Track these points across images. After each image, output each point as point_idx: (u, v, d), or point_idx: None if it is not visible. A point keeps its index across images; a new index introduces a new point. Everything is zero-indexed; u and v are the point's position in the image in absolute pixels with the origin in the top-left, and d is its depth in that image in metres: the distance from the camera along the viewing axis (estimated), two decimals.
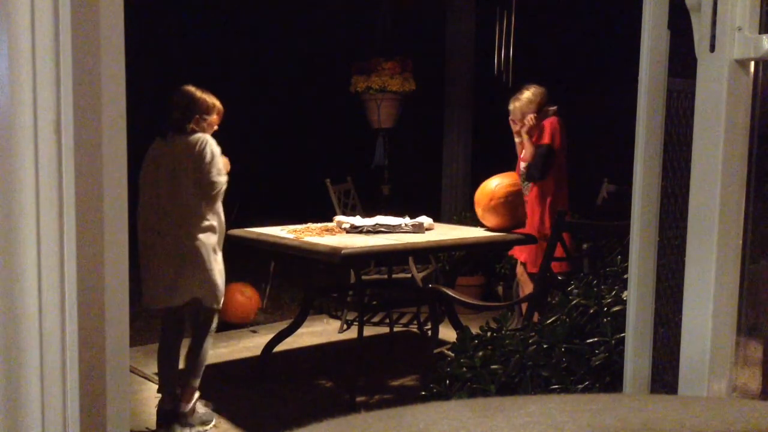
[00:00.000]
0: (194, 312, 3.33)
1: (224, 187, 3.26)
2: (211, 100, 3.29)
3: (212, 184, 3.19)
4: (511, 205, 3.97)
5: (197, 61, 7.77)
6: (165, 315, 3.38)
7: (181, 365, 3.37)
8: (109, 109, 1.31)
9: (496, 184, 4.01)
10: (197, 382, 3.31)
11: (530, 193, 4.19)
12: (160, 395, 3.34)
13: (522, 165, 4.27)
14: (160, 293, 3.23)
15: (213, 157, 3.19)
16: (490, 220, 4.06)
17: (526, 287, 4.33)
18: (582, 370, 1.98)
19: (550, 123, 4.10)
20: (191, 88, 3.28)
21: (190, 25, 7.97)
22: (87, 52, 1.26)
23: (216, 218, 3.29)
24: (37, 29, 1.23)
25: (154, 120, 3.31)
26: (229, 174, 3.31)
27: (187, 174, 3.19)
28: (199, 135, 3.22)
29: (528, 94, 4.16)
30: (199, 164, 3.18)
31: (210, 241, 3.25)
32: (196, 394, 3.32)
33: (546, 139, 4.06)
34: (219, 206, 3.32)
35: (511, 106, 4.20)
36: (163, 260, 3.22)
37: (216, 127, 3.33)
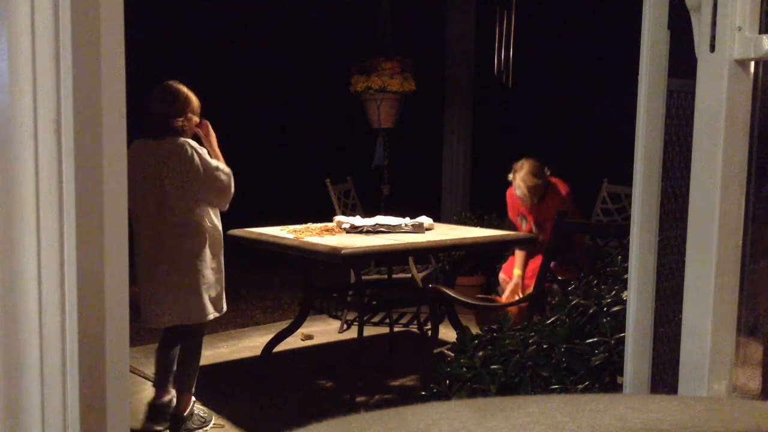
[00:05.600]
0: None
1: (231, 179, 3.11)
2: (196, 99, 3.17)
3: (217, 180, 3.06)
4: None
5: (197, 61, 7.76)
6: None
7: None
8: (109, 109, 1.31)
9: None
10: (192, 389, 3.30)
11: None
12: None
13: (540, 237, 4.27)
14: (153, 313, 3.14)
15: (201, 157, 3.05)
16: None
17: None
18: (582, 370, 1.98)
19: (568, 192, 4.18)
20: (180, 85, 3.15)
21: (190, 24, 7.97)
22: (87, 52, 1.26)
23: (210, 225, 3.17)
24: (37, 29, 1.23)
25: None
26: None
27: (173, 181, 3.04)
28: (180, 140, 3.06)
29: (528, 167, 4.12)
30: (192, 170, 3.03)
31: (203, 251, 3.13)
32: (192, 399, 3.32)
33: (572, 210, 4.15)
34: (214, 211, 3.21)
35: (520, 191, 4.14)
36: (152, 277, 3.10)
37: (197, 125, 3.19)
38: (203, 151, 3.11)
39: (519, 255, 4.34)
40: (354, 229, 3.90)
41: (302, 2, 8.06)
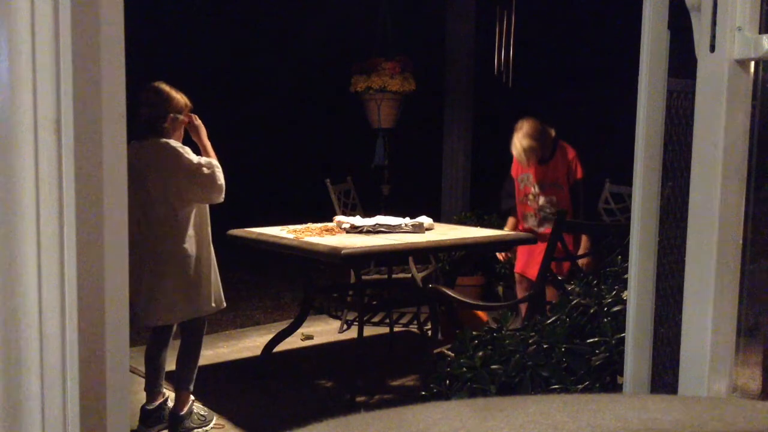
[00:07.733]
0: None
1: (215, 171, 3.08)
2: (183, 98, 3.15)
3: (201, 176, 3.04)
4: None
5: (198, 61, 7.77)
6: None
7: (173, 368, 3.36)
8: (109, 109, 1.31)
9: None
10: (191, 387, 3.29)
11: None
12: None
13: (541, 200, 4.21)
14: (139, 313, 3.13)
15: (181, 156, 3.04)
16: None
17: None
18: (582, 370, 1.98)
19: (575, 155, 4.14)
20: (165, 86, 3.13)
21: (191, 24, 7.97)
22: (87, 52, 1.26)
23: (197, 225, 3.15)
24: (37, 29, 1.23)
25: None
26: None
27: (155, 183, 3.04)
28: (162, 141, 3.05)
29: (526, 128, 4.04)
30: (173, 171, 3.03)
31: (188, 251, 3.11)
32: (192, 398, 3.32)
33: (579, 174, 4.12)
34: (201, 210, 3.19)
35: (516, 151, 4.06)
36: (138, 277, 3.06)
37: (185, 124, 3.18)
38: (185, 150, 3.09)
39: (510, 221, 4.39)
40: (354, 229, 3.90)
41: (302, 2, 8.06)
